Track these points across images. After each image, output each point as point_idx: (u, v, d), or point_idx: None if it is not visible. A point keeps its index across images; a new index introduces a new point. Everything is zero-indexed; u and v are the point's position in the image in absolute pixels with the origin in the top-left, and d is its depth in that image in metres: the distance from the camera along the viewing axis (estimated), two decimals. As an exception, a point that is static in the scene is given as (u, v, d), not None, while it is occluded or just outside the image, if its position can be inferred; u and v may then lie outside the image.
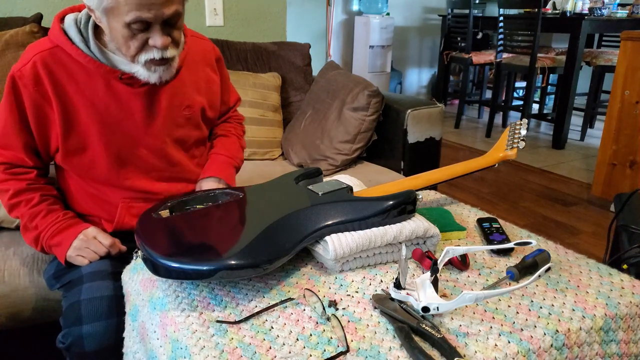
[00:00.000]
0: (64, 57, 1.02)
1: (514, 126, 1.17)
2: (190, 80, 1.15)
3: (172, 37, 0.99)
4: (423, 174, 1.10)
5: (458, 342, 0.68)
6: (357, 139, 1.78)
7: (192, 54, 1.16)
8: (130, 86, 1.05)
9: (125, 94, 1.05)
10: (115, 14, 0.93)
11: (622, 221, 1.35)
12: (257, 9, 2.27)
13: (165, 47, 0.98)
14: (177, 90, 1.12)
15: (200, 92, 1.18)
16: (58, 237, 1.06)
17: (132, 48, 0.97)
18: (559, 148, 3.76)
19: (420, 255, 0.89)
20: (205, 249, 0.79)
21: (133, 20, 0.92)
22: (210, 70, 1.22)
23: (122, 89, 1.04)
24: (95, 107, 1.04)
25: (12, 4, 1.82)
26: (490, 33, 4.97)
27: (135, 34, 0.95)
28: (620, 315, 0.77)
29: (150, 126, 1.09)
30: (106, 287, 1.01)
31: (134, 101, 1.06)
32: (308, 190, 0.96)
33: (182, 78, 1.13)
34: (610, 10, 3.78)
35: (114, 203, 1.11)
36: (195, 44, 1.19)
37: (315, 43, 4.62)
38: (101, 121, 1.05)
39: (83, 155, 1.07)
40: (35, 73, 1.00)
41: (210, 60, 1.23)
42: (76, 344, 0.97)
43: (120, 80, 1.03)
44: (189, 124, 1.16)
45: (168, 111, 1.11)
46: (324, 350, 0.67)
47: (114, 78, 1.03)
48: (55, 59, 1.01)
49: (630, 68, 2.48)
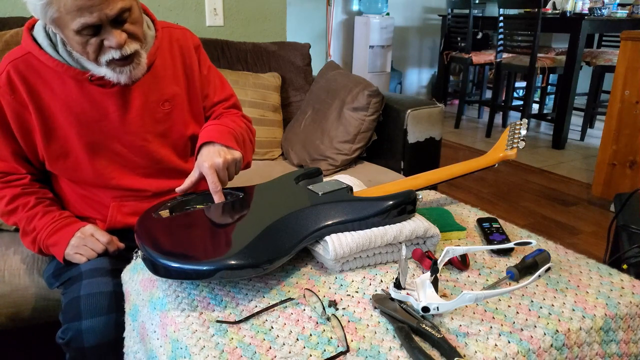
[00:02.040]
0: (36, 63, 1.01)
1: (514, 126, 1.17)
2: (166, 74, 1.12)
3: (127, 32, 0.96)
4: (423, 174, 1.10)
5: (458, 342, 0.68)
6: (357, 139, 1.78)
7: (165, 44, 1.13)
8: (102, 87, 1.04)
9: (98, 94, 1.04)
10: (62, 24, 0.92)
11: (622, 221, 1.35)
12: (257, 9, 2.27)
13: (121, 45, 0.95)
14: (152, 86, 1.09)
15: (180, 83, 1.15)
16: (55, 236, 1.07)
17: (90, 52, 0.95)
18: (559, 148, 3.76)
19: (420, 255, 0.89)
20: (205, 249, 0.79)
21: (80, 27, 0.90)
22: (188, 60, 1.17)
23: (94, 90, 1.04)
24: (71, 109, 1.04)
25: (12, 4, 1.82)
26: (490, 33, 4.97)
27: (88, 39, 0.93)
28: (620, 315, 0.77)
29: (127, 124, 1.08)
30: (105, 283, 1.01)
31: (107, 101, 1.05)
32: (308, 190, 0.96)
33: (156, 73, 1.10)
34: (610, 10, 3.78)
35: (105, 203, 1.12)
36: (169, 34, 1.15)
37: (315, 43, 4.62)
38: (78, 124, 1.05)
39: (67, 159, 1.08)
40: (10, 81, 1.01)
41: (187, 49, 1.18)
42: (75, 339, 0.97)
43: (91, 82, 1.03)
44: (170, 119, 1.13)
45: (144, 108, 1.09)
46: (324, 350, 0.67)
47: (84, 80, 1.02)
48: (28, 66, 1.01)
49: (630, 68, 2.48)
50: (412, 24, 5.20)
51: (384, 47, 4.67)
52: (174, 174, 1.17)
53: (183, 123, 1.16)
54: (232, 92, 1.28)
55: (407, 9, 5.11)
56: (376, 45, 4.62)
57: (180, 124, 1.16)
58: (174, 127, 1.15)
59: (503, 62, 3.96)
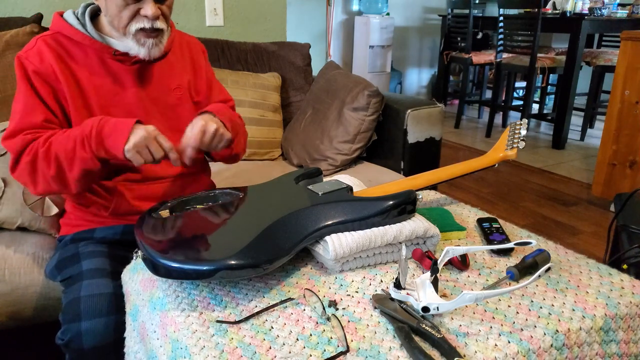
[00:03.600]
0: (64, 40, 1.10)
1: (514, 126, 1.17)
2: (177, 64, 1.22)
3: (162, 11, 1.07)
4: (423, 174, 1.10)
5: (458, 342, 0.68)
6: (357, 139, 1.78)
7: (177, 41, 1.24)
8: (122, 63, 1.11)
9: (117, 69, 1.12)
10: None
11: (622, 221, 1.35)
12: (257, 9, 2.27)
13: (156, 17, 1.05)
14: (166, 71, 1.19)
15: (187, 72, 1.24)
16: (108, 126, 0.97)
17: (124, 17, 1.04)
18: (559, 148, 3.76)
19: (420, 255, 0.89)
20: (205, 249, 0.79)
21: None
22: (196, 58, 1.28)
23: (115, 65, 1.11)
24: (93, 81, 1.10)
25: (12, 4, 1.82)
26: (490, 33, 4.97)
27: (129, 3, 1.02)
28: (620, 315, 0.77)
29: (141, 100, 1.14)
30: (105, 285, 1.01)
31: (125, 76, 1.12)
32: (308, 190, 0.96)
33: (169, 61, 1.20)
34: (610, 10, 3.78)
35: (109, 187, 1.13)
36: (180, 35, 1.27)
37: (315, 43, 4.62)
38: (98, 95, 1.10)
39: None
40: (40, 54, 1.07)
41: (196, 51, 1.29)
42: (75, 340, 0.97)
43: (113, 56, 1.10)
44: (180, 105, 1.20)
45: (158, 89, 1.17)
46: (324, 350, 0.67)
47: (107, 54, 1.10)
48: (57, 41, 1.09)
49: (630, 68, 2.48)
50: (412, 24, 5.20)
51: (384, 47, 4.67)
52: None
53: (189, 112, 1.20)
54: (230, 97, 1.36)
55: (407, 9, 5.11)
56: (376, 45, 4.62)
57: (187, 111, 1.21)
58: (182, 113, 1.20)
59: (503, 62, 3.96)
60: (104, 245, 1.13)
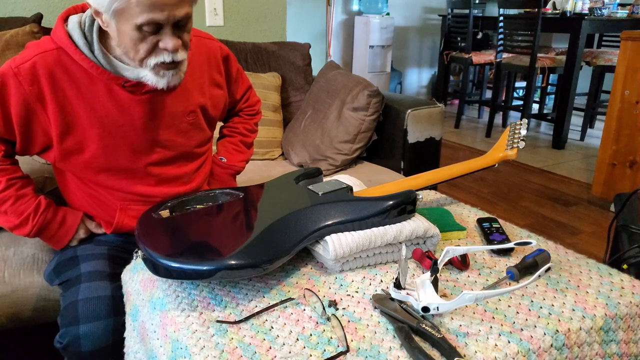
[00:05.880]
0: (66, 59, 0.99)
1: (514, 126, 1.17)
2: (193, 85, 1.13)
3: (182, 39, 0.97)
4: (423, 174, 1.10)
5: (458, 342, 0.68)
6: (357, 139, 1.78)
7: (196, 57, 1.13)
8: (132, 93, 1.02)
9: (127, 100, 1.02)
10: (126, 16, 0.90)
11: (622, 221, 1.35)
12: (257, 9, 2.27)
13: (176, 49, 0.95)
14: (180, 97, 1.10)
15: (204, 94, 1.16)
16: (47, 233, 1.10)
17: (141, 51, 0.94)
18: (559, 148, 3.76)
19: (420, 255, 0.89)
20: (205, 249, 0.79)
21: (145, 22, 0.89)
22: (215, 72, 1.19)
23: (124, 95, 1.02)
24: (96, 112, 1.02)
25: (12, 4, 1.82)
26: (490, 33, 4.97)
27: (146, 36, 0.92)
28: (620, 315, 0.77)
29: (151, 132, 1.07)
30: (104, 288, 1.01)
31: (135, 108, 1.03)
32: (308, 190, 0.96)
33: (185, 84, 1.09)
34: (610, 10, 3.78)
35: (112, 205, 1.11)
36: (200, 45, 1.15)
37: (315, 43, 4.62)
38: (101, 126, 1.03)
39: (80, 155, 1.04)
40: (34, 73, 0.97)
41: (216, 62, 1.19)
42: (73, 344, 0.97)
43: (123, 87, 1.01)
44: (192, 129, 1.14)
45: (171, 118, 1.09)
46: (324, 350, 0.67)
47: (116, 85, 1.01)
48: (57, 61, 0.99)
49: (630, 68, 2.48)
50: (412, 24, 5.20)
51: (384, 47, 4.67)
52: (183, 182, 1.17)
53: (200, 130, 1.17)
54: (249, 82, 1.37)
55: (407, 9, 5.11)
56: (376, 45, 4.62)
57: (198, 132, 1.17)
58: (193, 137, 1.16)
59: (503, 62, 3.96)
60: (103, 247, 1.12)
